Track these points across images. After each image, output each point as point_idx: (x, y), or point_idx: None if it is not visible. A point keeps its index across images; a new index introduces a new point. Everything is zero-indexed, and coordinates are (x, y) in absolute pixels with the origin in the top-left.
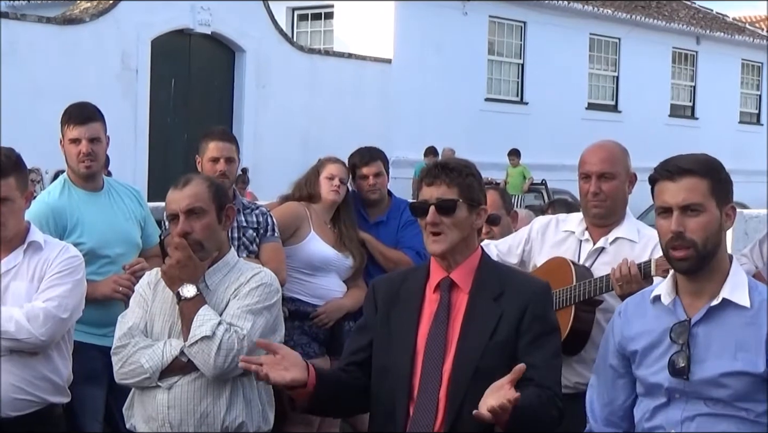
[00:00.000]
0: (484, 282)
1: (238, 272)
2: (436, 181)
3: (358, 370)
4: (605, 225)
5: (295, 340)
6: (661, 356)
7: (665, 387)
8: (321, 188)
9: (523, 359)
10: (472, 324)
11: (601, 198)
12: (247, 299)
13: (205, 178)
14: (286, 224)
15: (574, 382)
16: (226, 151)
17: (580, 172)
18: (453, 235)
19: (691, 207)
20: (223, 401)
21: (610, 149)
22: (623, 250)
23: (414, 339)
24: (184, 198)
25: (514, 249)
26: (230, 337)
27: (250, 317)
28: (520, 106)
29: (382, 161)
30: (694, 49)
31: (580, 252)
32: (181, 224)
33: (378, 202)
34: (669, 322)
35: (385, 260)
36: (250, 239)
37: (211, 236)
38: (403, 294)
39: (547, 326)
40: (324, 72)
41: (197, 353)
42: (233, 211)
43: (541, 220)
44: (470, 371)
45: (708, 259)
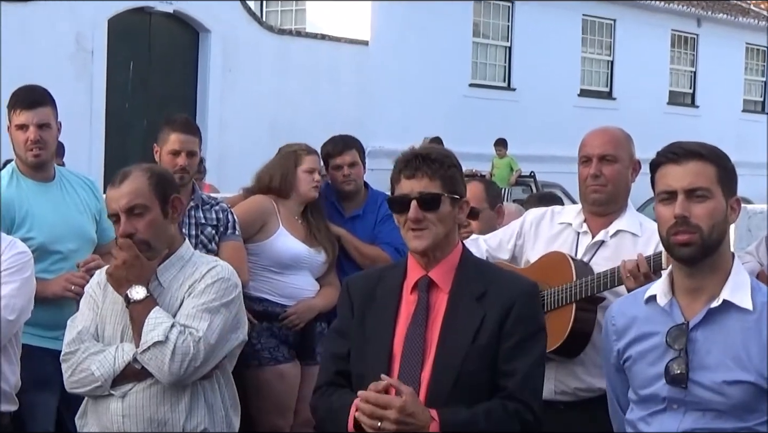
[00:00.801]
0: (465, 281)
1: (193, 267)
2: (417, 173)
3: (346, 381)
4: (605, 215)
5: (263, 343)
6: (656, 363)
7: (662, 397)
8: (300, 183)
9: (502, 367)
10: (453, 327)
11: (601, 182)
12: (203, 297)
13: (145, 169)
14: (252, 220)
15: (573, 388)
16: (188, 145)
17: (580, 156)
18: (437, 230)
19: (698, 192)
20: (182, 408)
21: (613, 133)
22: (625, 244)
23: (390, 343)
24: (122, 196)
25: (504, 244)
26: (185, 340)
27: (206, 316)
28: (508, 92)
29: (357, 150)
30: (695, 31)
31: (578, 246)
32: (122, 225)
33: (353, 195)
34: (665, 325)
35: (361, 256)
36: (209, 237)
37: (158, 232)
38: (379, 294)
39: (531, 328)
40: (295, 54)
41: (150, 360)
42: (180, 202)
43: (534, 212)
44: (451, 378)
45: (711, 250)
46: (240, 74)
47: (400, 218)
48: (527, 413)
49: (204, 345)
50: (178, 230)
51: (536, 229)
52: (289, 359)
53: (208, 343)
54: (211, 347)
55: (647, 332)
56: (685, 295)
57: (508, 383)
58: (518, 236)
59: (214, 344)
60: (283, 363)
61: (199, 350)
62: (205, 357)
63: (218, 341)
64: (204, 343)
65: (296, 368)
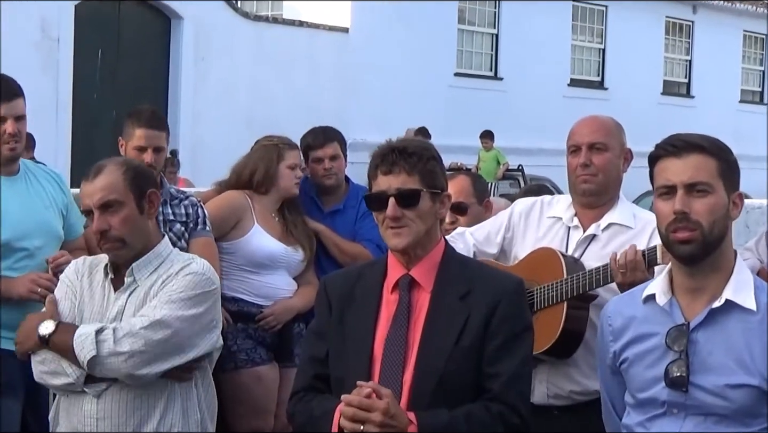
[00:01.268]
0: (448, 279)
1: (169, 264)
2: (394, 168)
3: (324, 385)
4: (596, 207)
5: (239, 344)
6: (655, 365)
7: (661, 400)
8: (282, 179)
9: (486, 370)
10: (436, 327)
11: (591, 171)
12: (168, 290)
13: (120, 162)
14: (225, 217)
15: (569, 391)
16: (155, 140)
17: (569, 146)
18: (417, 227)
19: (698, 186)
20: (157, 411)
21: (603, 121)
22: (618, 237)
23: (370, 345)
24: (96, 191)
25: (492, 237)
26: (118, 338)
27: (166, 306)
28: (494, 82)
29: (339, 143)
30: (690, 18)
31: (569, 241)
32: (96, 221)
33: (334, 189)
34: (664, 325)
35: (341, 253)
36: (178, 233)
37: (133, 229)
38: (358, 293)
39: (517, 327)
40: (272, 42)
41: (104, 373)
42: (157, 197)
43: (523, 202)
44: (434, 380)
45: (712, 247)
46: (214, 63)
47: (379, 215)
48: (513, 415)
49: (144, 336)
50: (156, 226)
51: (525, 222)
52: (266, 361)
53: (155, 328)
54: (167, 333)
55: (646, 332)
56: (685, 294)
57: (492, 385)
58: (507, 229)
59: (175, 331)
60: (261, 365)
61: (135, 342)
62: (150, 345)
63: (182, 332)
64: (146, 333)
65: (274, 370)
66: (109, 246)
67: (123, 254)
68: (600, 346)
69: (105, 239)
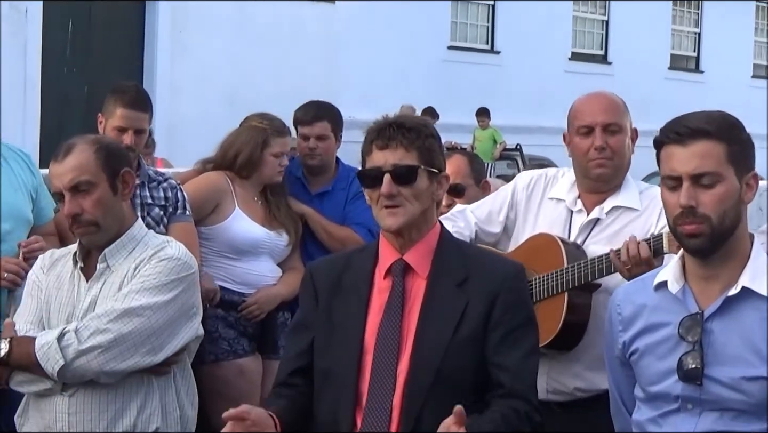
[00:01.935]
0: (445, 265)
1: (144, 247)
2: (391, 143)
3: (303, 379)
4: (603, 191)
5: (221, 333)
6: (667, 357)
7: (674, 395)
8: (264, 167)
9: (493, 360)
10: (432, 316)
11: (607, 154)
12: (142, 277)
13: (91, 140)
14: (203, 200)
15: (571, 387)
16: (137, 122)
17: (579, 126)
18: (413, 207)
19: (705, 177)
20: (134, 406)
21: (613, 98)
22: (623, 220)
23: (361, 336)
24: (66, 172)
25: (495, 216)
26: (84, 338)
27: (136, 295)
28: (491, 55)
29: (330, 122)
30: None
31: (571, 225)
32: (67, 204)
33: (319, 170)
34: (677, 315)
35: (329, 238)
36: (156, 218)
37: (107, 211)
38: (347, 281)
39: (521, 317)
40: (254, 13)
41: (76, 377)
42: (131, 177)
43: (524, 177)
44: (430, 374)
45: (724, 238)
46: (192, 35)
47: (372, 193)
48: (535, 413)
49: (113, 329)
50: (130, 208)
51: (528, 199)
52: (249, 353)
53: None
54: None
55: (657, 322)
56: (698, 281)
57: (503, 379)
58: (510, 207)
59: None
60: (243, 357)
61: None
62: (121, 338)
63: (157, 322)
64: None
65: (257, 362)
66: (82, 230)
67: (97, 238)
68: (608, 336)
69: (77, 223)
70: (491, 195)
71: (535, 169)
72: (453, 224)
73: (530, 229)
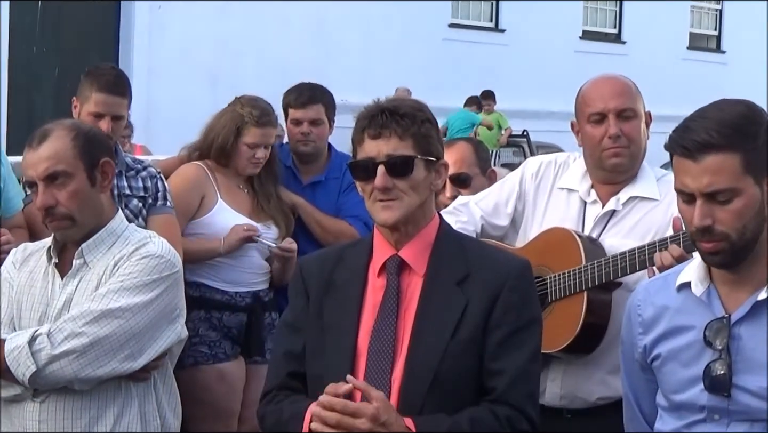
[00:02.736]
0: (443, 261)
1: (124, 242)
2: (384, 132)
3: (302, 384)
4: (619, 181)
5: (202, 335)
6: (692, 363)
7: (700, 405)
8: (237, 157)
9: (489, 365)
10: (429, 317)
11: (622, 143)
12: (121, 276)
13: (69, 127)
14: (189, 195)
15: (596, 397)
16: (114, 108)
17: (590, 113)
18: (409, 200)
19: (720, 195)
20: (110, 414)
21: (624, 81)
22: (641, 212)
23: (354, 338)
24: (41, 161)
25: (502, 207)
26: (57, 342)
27: (115, 295)
28: (495, 34)
29: (325, 106)
30: None
31: (585, 217)
32: (40, 195)
33: (311, 158)
34: (702, 318)
35: (323, 231)
36: (135, 210)
37: (84, 203)
38: (339, 279)
39: (523, 318)
40: None
41: (49, 384)
42: (111, 167)
43: (533, 164)
44: (427, 378)
45: (748, 249)
46: (172, 12)
47: (365, 186)
48: (521, 420)
49: (89, 333)
50: (110, 200)
51: (536, 189)
52: (231, 357)
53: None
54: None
55: (681, 325)
56: (725, 283)
57: (496, 384)
58: (519, 197)
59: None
60: (225, 361)
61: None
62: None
63: (137, 325)
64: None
65: (240, 367)
66: (56, 224)
67: (72, 233)
68: (627, 338)
69: (51, 216)
70: (497, 184)
71: (543, 155)
72: (456, 218)
73: (539, 220)
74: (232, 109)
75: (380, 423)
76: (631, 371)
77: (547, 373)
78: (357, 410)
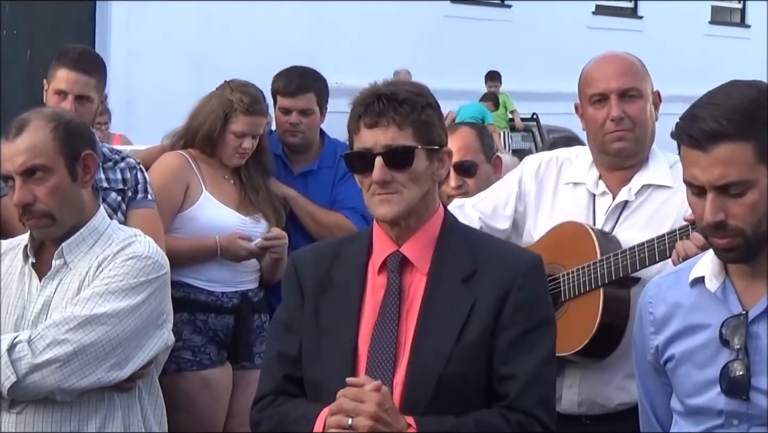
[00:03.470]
0: (448, 257)
1: (107, 242)
2: (382, 120)
3: (299, 390)
4: (626, 167)
5: (185, 339)
6: (708, 365)
7: (717, 409)
8: (223, 146)
9: (499, 370)
10: (433, 318)
11: (625, 125)
12: (106, 278)
13: (48, 116)
14: (174, 189)
15: (616, 403)
16: (78, 86)
17: (591, 95)
18: (411, 193)
19: (732, 188)
20: (92, 426)
21: (628, 59)
22: (655, 201)
23: (354, 341)
24: (18, 154)
25: (500, 209)
26: (39, 350)
27: (99, 299)
28: (501, 10)
29: (316, 94)
30: None
31: (595, 211)
32: (17, 191)
33: (301, 148)
34: (717, 315)
35: (316, 224)
36: (113, 204)
37: (64, 200)
38: (337, 276)
39: (535, 318)
40: None
41: (29, 395)
42: (93, 160)
43: (531, 163)
44: (431, 383)
45: (763, 243)
46: None
47: (363, 179)
48: (534, 425)
49: (73, 340)
50: (91, 195)
51: (539, 189)
52: (216, 363)
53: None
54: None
55: (695, 323)
56: (741, 277)
57: (507, 390)
58: (518, 198)
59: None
60: (210, 368)
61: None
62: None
63: (123, 331)
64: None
65: (226, 373)
66: (34, 222)
67: (51, 231)
68: (639, 338)
69: (29, 214)
70: (494, 186)
71: (543, 152)
72: None
73: (545, 220)
74: (220, 93)
75: (384, 410)
76: (645, 373)
77: (563, 379)
78: (363, 394)
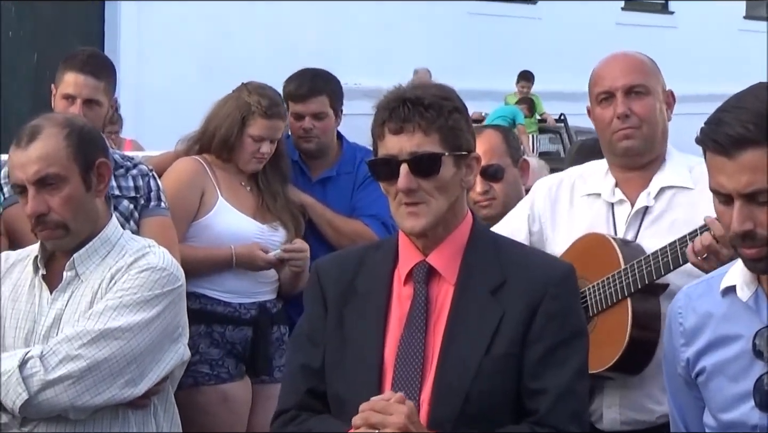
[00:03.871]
0: (477, 267)
1: (120, 252)
2: (407, 125)
3: (322, 405)
4: (641, 168)
5: (202, 353)
6: (741, 377)
7: (751, 424)
8: (240, 151)
9: (529, 384)
10: (461, 330)
11: (633, 123)
12: (119, 291)
13: (61, 123)
14: (189, 196)
15: (657, 417)
16: (86, 90)
17: (597, 93)
18: (438, 203)
19: (760, 194)
20: None
21: (636, 57)
22: (677, 203)
23: (380, 354)
24: (30, 162)
25: (517, 234)
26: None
27: (114, 313)
28: (527, 6)
29: (329, 96)
30: None
31: (615, 221)
32: (31, 201)
33: (317, 154)
34: (750, 326)
35: (336, 233)
36: (126, 213)
37: (78, 210)
38: (361, 286)
39: (566, 330)
40: None
41: (41, 413)
42: (107, 169)
43: (542, 187)
44: (459, 400)
45: None
46: None
47: (388, 187)
48: None
49: (87, 355)
50: (104, 205)
51: (553, 207)
52: (235, 377)
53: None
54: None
55: (727, 334)
56: None
57: (538, 406)
58: (532, 221)
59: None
60: (228, 381)
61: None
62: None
63: (138, 346)
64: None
65: (245, 387)
66: (48, 233)
67: (64, 243)
68: (669, 351)
69: (42, 225)
70: (507, 216)
71: (551, 175)
72: None
73: (564, 236)
74: (237, 96)
75: (412, 422)
76: (676, 388)
77: (602, 399)
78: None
